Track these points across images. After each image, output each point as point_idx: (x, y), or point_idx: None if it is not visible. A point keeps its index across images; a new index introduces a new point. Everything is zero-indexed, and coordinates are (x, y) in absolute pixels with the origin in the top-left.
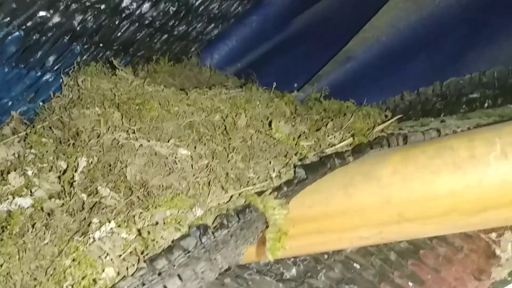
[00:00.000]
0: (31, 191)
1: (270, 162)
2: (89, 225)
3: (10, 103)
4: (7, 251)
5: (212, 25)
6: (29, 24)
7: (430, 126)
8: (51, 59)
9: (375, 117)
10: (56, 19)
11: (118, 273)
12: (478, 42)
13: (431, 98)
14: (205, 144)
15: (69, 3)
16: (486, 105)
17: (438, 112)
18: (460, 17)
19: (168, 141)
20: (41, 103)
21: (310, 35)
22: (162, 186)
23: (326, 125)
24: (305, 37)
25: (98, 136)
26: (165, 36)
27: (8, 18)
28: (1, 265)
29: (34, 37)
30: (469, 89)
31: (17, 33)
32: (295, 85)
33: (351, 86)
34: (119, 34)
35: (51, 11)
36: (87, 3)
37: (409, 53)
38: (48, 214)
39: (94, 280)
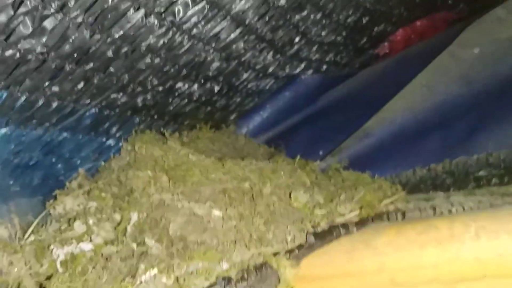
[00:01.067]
0: (90, 238)
1: (287, 227)
2: (137, 269)
3: (79, 161)
4: (74, 285)
5: (249, 98)
6: (103, 103)
7: (435, 202)
8: (115, 128)
9: (386, 190)
10: (124, 99)
11: None
12: (486, 125)
13: (440, 175)
14: (234, 207)
15: (135, 87)
16: (492, 183)
17: (447, 188)
18: (471, 103)
19: (205, 203)
20: (103, 163)
21: (335, 111)
22: (198, 241)
23: (340, 196)
24: (331, 112)
25: (148, 196)
26: (209, 108)
27: (89, 100)
28: None
29: (105, 112)
30: (476, 168)
31: (93, 110)
32: (320, 153)
33: (368, 160)
34: (171, 108)
35: (121, 93)
36: (149, 86)
37: (422, 133)
38: (106, 259)
39: None
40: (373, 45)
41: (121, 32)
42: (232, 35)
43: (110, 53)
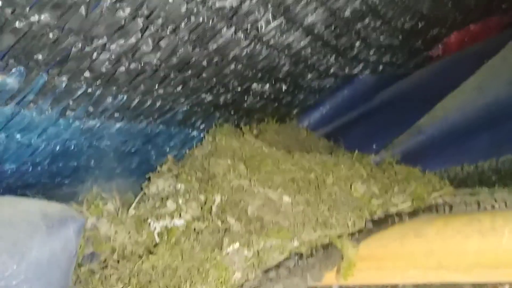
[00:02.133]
0: (180, 214)
1: (348, 213)
2: (222, 243)
3: (168, 149)
4: (174, 253)
5: (311, 96)
6: (193, 102)
7: (479, 197)
8: (200, 122)
9: (435, 184)
10: (210, 98)
11: (242, 277)
12: None
13: (486, 172)
14: (302, 195)
15: (220, 88)
16: None
17: (492, 184)
18: None
19: (277, 190)
20: (187, 151)
21: (389, 109)
22: (272, 222)
23: (393, 188)
24: (385, 109)
25: (228, 181)
26: (276, 104)
27: (183, 99)
28: (169, 262)
29: (194, 109)
30: None
31: (185, 108)
32: (374, 146)
33: (419, 155)
34: (245, 105)
35: (208, 94)
36: (230, 87)
37: (472, 132)
38: (197, 233)
39: (226, 279)
40: (427, 47)
41: (215, 46)
42: (302, 43)
43: (205, 62)
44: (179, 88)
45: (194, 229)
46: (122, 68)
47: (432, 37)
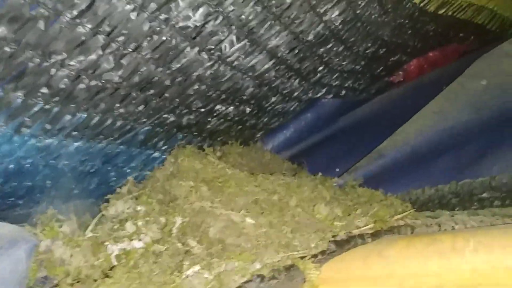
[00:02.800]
0: (140, 237)
1: (311, 235)
2: (182, 265)
3: (128, 170)
4: (132, 276)
5: (275, 119)
6: (155, 122)
7: (440, 219)
8: (162, 143)
9: (397, 207)
10: (172, 118)
11: None
12: (492, 151)
13: (447, 195)
14: (265, 216)
15: (183, 109)
16: (494, 204)
17: (452, 207)
18: (479, 130)
19: (240, 212)
20: (148, 172)
21: (352, 133)
22: (234, 244)
23: (356, 211)
24: (348, 133)
25: (190, 203)
26: (240, 126)
27: (145, 119)
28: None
29: (156, 129)
30: (479, 190)
31: (147, 128)
32: (337, 170)
33: (382, 178)
34: (209, 126)
35: (171, 114)
36: (194, 108)
37: (432, 155)
38: (156, 255)
39: None
40: (388, 73)
41: (178, 65)
42: (266, 66)
43: (167, 82)
44: (140, 108)
45: (153, 251)
46: (82, 85)
47: (393, 63)
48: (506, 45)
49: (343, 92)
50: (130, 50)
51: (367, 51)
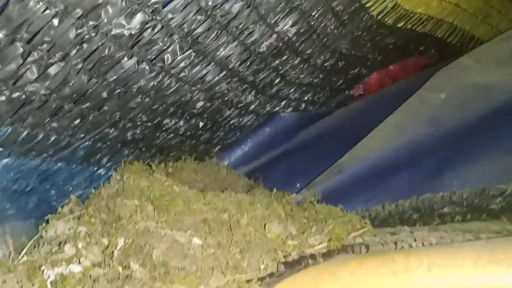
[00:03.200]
0: (79, 260)
1: (261, 256)
2: None
3: (71, 188)
4: None
5: (232, 133)
6: (96, 137)
7: (399, 236)
8: (106, 159)
9: (355, 224)
10: (115, 133)
11: None
12: (452, 165)
13: (407, 210)
14: (213, 236)
15: (126, 123)
16: (456, 219)
17: (413, 222)
18: (438, 144)
19: (186, 232)
20: (93, 190)
21: (311, 147)
22: (178, 267)
23: (311, 228)
24: (307, 148)
25: (134, 223)
26: (193, 141)
27: (83, 134)
28: None
29: (98, 145)
30: (440, 205)
31: (87, 143)
32: (298, 185)
33: (341, 194)
34: (158, 141)
35: (113, 129)
36: (138, 122)
37: (392, 170)
38: (94, 280)
39: None
40: (348, 87)
41: (115, 77)
42: (216, 78)
43: (104, 94)
44: (76, 122)
45: (92, 276)
46: (2, 97)
47: (353, 76)
48: (465, 58)
49: (302, 105)
50: (57, 59)
51: (325, 64)
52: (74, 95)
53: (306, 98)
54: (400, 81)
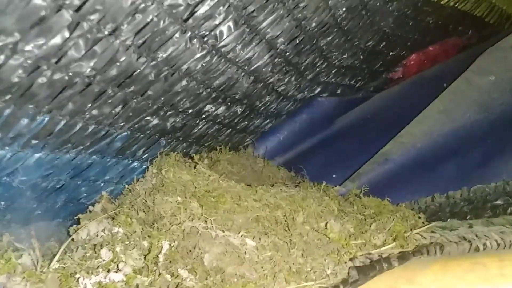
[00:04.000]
0: (118, 266)
1: (325, 259)
2: None
3: (102, 184)
4: None
5: (268, 120)
6: (135, 126)
7: (459, 231)
8: (142, 150)
9: (410, 219)
10: (155, 121)
11: None
12: (503, 152)
13: (459, 202)
14: (268, 237)
15: (168, 110)
16: (508, 211)
17: (464, 215)
18: (488, 130)
19: (239, 233)
20: (125, 185)
21: (350, 134)
22: (236, 274)
23: (370, 225)
24: (346, 135)
25: (179, 223)
26: (230, 130)
27: (123, 123)
28: None
29: (136, 135)
30: (494, 196)
31: (125, 133)
32: (334, 176)
33: (388, 185)
34: (196, 130)
35: (154, 116)
36: (180, 109)
37: (441, 159)
38: None
39: None
40: (387, 69)
41: (165, 55)
42: (264, 59)
43: (151, 76)
44: (118, 109)
45: (137, 285)
46: (42, 79)
47: (392, 58)
48: None
49: (340, 89)
50: (107, 33)
51: (367, 44)
52: (120, 77)
53: (344, 81)
54: (440, 63)
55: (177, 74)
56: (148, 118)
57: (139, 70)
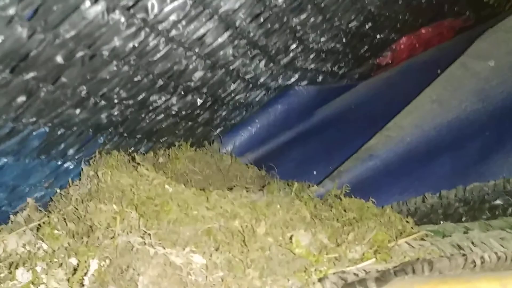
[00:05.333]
0: None
1: (288, 280)
2: None
3: (27, 189)
4: None
5: (237, 112)
6: (55, 121)
7: (453, 238)
8: (73, 150)
9: (397, 224)
10: (83, 115)
11: None
12: (503, 147)
13: (453, 203)
14: (221, 253)
15: (97, 101)
16: (509, 212)
17: (459, 217)
18: (486, 121)
19: (184, 249)
20: (58, 190)
21: (332, 126)
22: None
23: (348, 234)
24: (328, 127)
25: (112, 237)
26: (189, 123)
27: (34, 118)
28: None
29: (59, 132)
30: (492, 196)
31: (41, 129)
32: (314, 173)
33: (372, 184)
34: (144, 124)
35: (79, 109)
36: (116, 100)
37: (433, 154)
38: None
39: None
40: (374, 54)
41: (73, 32)
42: (220, 39)
43: (59, 59)
44: (20, 100)
45: None
46: None
47: (380, 41)
48: None
49: (320, 77)
50: None
51: (350, 25)
52: (9, 60)
53: (325, 68)
54: (434, 48)
55: (98, 57)
56: (70, 111)
57: (36, 51)
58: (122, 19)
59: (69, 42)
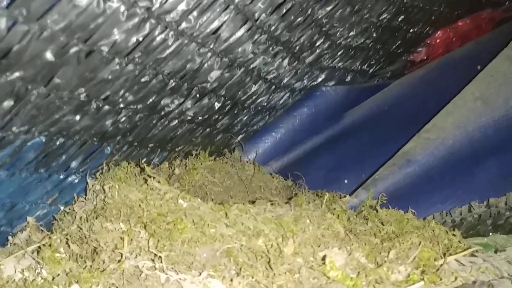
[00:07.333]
0: None
1: None
2: None
3: (27, 207)
4: None
5: (259, 116)
6: (52, 129)
7: (508, 253)
8: (77, 161)
9: (442, 238)
10: (85, 122)
11: None
12: None
13: (503, 212)
14: (244, 277)
15: (100, 105)
16: None
17: (509, 229)
18: None
19: (200, 273)
20: (62, 207)
21: (364, 130)
22: None
23: (388, 252)
24: (359, 131)
25: (119, 260)
26: (207, 129)
27: (27, 126)
28: None
29: (58, 141)
30: None
31: (37, 139)
32: (345, 181)
33: (411, 193)
34: (156, 132)
35: (79, 115)
36: (121, 104)
37: (479, 158)
38: None
39: None
40: (407, 50)
41: (63, 23)
42: (237, 34)
43: (49, 56)
44: (6, 105)
45: None
46: None
47: (413, 36)
48: None
49: (349, 76)
50: None
51: (381, 18)
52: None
53: (354, 66)
54: (472, 41)
55: (97, 53)
56: (69, 117)
57: (18, 46)
58: (122, 8)
59: (59, 35)
